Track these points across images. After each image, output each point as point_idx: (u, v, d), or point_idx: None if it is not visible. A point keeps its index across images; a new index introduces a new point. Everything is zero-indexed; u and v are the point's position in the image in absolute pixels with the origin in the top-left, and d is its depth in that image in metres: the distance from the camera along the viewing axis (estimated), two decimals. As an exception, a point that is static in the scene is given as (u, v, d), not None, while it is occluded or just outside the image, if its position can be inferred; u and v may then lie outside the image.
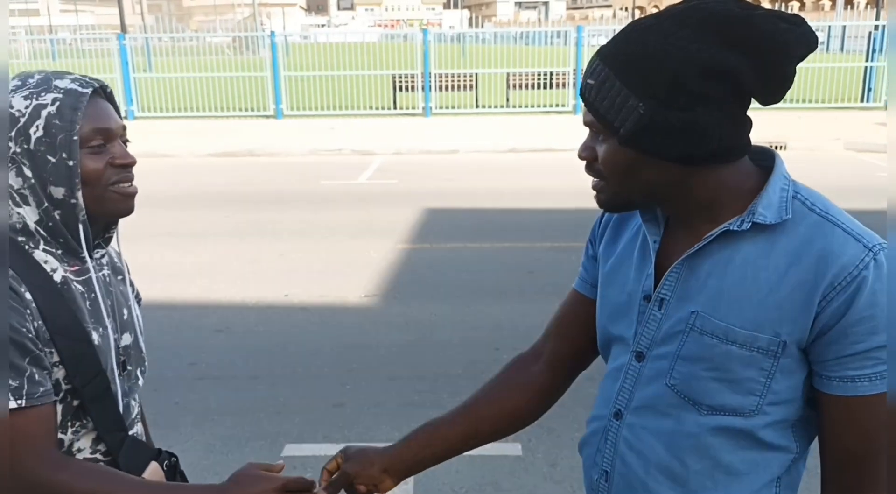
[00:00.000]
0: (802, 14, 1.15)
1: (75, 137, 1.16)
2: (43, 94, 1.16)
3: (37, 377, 1.13)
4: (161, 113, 15.50)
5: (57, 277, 1.21)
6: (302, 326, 4.90)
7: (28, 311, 1.14)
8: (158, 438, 3.71)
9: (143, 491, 1.14)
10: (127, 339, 1.33)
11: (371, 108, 15.73)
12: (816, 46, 0.99)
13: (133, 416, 1.35)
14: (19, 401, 1.10)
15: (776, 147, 10.94)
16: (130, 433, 1.32)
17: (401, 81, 15.65)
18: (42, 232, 1.20)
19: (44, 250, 1.21)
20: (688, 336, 1.05)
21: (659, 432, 1.09)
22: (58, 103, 1.16)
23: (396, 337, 4.68)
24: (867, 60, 15.66)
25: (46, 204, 1.18)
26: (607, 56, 1.00)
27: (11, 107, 1.16)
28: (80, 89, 1.18)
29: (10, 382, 1.10)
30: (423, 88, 15.37)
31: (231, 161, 11.17)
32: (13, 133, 1.15)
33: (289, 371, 4.22)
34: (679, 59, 0.94)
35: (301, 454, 3.39)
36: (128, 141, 1.27)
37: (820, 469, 1.08)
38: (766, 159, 1.08)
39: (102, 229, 1.30)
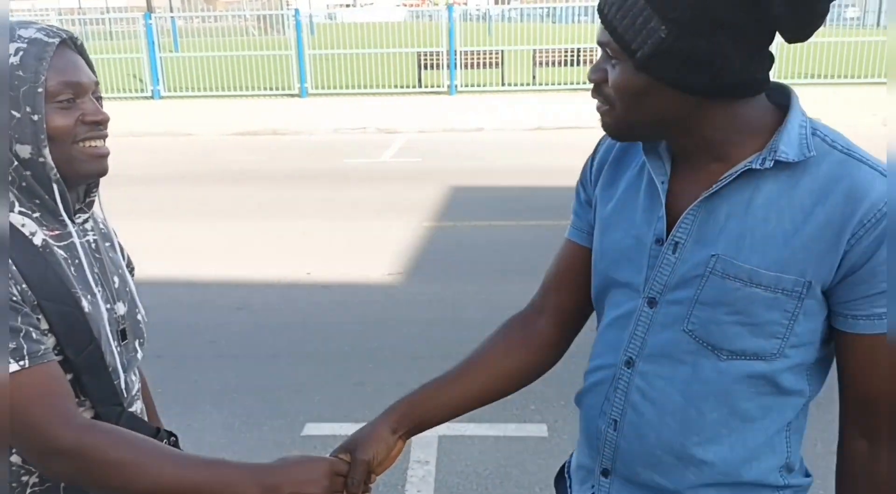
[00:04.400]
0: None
1: (40, 90, 1.06)
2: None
3: (34, 335, 1.03)
4: (187, 92, 15.50)
5: (37, 240, 1.11)
6: (324, 304, 4.82)
7: (9, 274, 1.04)
8: (177, 416, 3.67)
9: (183, 464, 1.03)
10: (121, 308, 1.24)
11: (396, 86, 15.59)
12: None
13: (133, 392, 1.26)
14: (21, 362, 1.00)
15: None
16: (130, 409, 1.23)
17: (426, 59, 15.47)
18: (16, 192, 1.10)
19: (20, 213, 1.11)
20: (707, 280, 1.00)
21: (674, 379, 1.05)
22: (21, 54, 1.06)
23: (420, 316, 4.59)
24: (907, 34, 15.15)
25: (16, 163, 1.08)
26: None
27: None
28: (45, 39, 1.08)
29: (7, 344, 1.00)
30: (448, 66, 15.19)
31: (255, 140, 11.12)
32: None
33: (310, 350, 4.15)
34: None
35: (321, 433, 3.32)
36: (101, 98, 1.17)
37: (839, 415, 1.05)
38: (781, 97, 1.02)
39: (83, 194, 1.21)
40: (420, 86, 15.50)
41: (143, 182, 8.28)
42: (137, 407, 1.28)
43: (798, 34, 0.93)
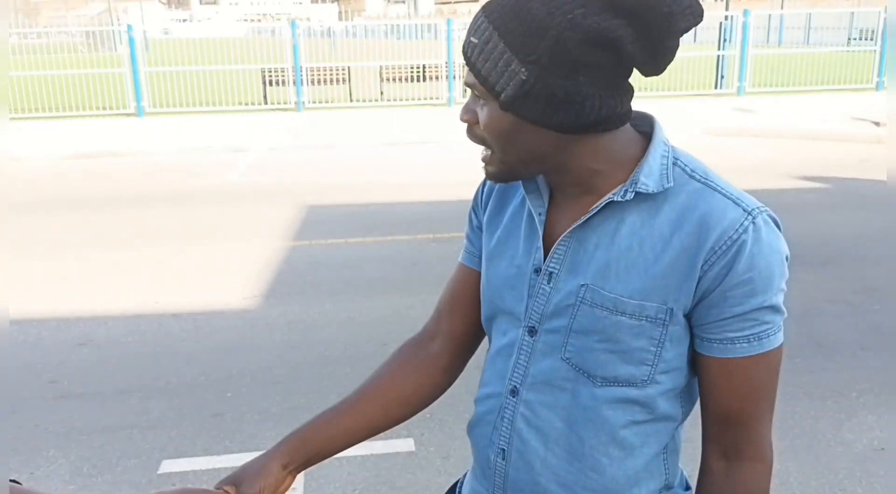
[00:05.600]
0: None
1: None
2: None
3: None
4: (10, 114, 14.33)
5: None
6: (175, 334, 4.61)
7: None
8: (18, 465, 3.39)
9: None
10: None
11: (240, 103, 15.20)
12: (701, 19, 0.97)
13: None
14: None
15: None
16: None
17: (271, 76, 15.20)
18: None
19: None
20: (578, 310, 1.04)
21: (556, 406, 1.08)
22: None
23: (278, 339, 4.49)
24: (719, 49, 16.60)
25: None
26: (492, 13, 0.95)
27: None
28: None
29: None
30: (294, 83, 15.00)
31: (90, 163, 10.47)
32: None
33: (162, 383, 3.95)
34: (564, 24, 0.90)
35: (179, 469, 3.17)
36: None
37: (701, 434, 1.08)
38: (645, 125, 1.07)
39: None
40: (266, 103, 15.20)
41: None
42: None
43: (652, 69, 0.97)
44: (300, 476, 3.34)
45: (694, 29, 1.00)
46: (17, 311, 4.94)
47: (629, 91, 0.99)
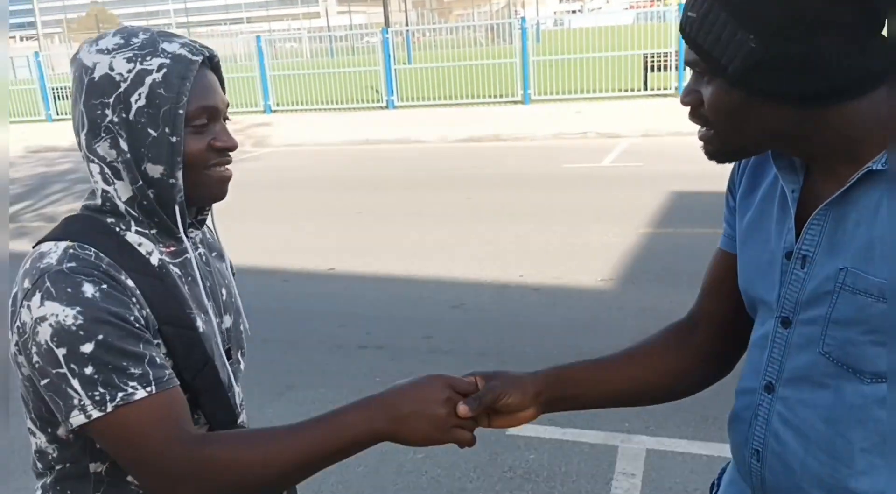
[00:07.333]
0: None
1: (181, 112, 1.02)
2: (149, 58, 1.02)
3: (157, 360, 1.01)
4: (418, 102, 16.34)
5: (154, 260, 1.09)
6: (534, 307, 4.85)
7: (133, 299, 1.02)
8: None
9: (298, 431, 1.00)
10: (227, 321, 1.22)
11: (620, 90, 15.29)
12: None
13: (240, 403, 1.23)
14: (149, 388, 0.98)
15: None
16: (238, 422, 1.22)
17: (652, 61, 15.02)
18: (133, 212, 1.08)
19: (136, 233, 1.09)
20: (838, 297, 0.90)
21: (817, 405, 0.95)
22: (164, 70, 1.02)
23: (630, 323, 4.46)
24: None
25: (141, 182, 1.05)
26: None
27: (112, 69, 1.02)
28: (189, 56, 1.04)
29: (133, 370, 0.98)
30: (676, 68, 14.62)
31: (478, 146, 11.46)
32: (111, 100, 1.02)
33: (518, 351, 4.20)
34: None
35: (522, 434, 3.35)
36: (228, 119, 1.13)
37: None
38: None
39: (196, 210, 1.18)
40: (646, 89, 15.08)
41: (376, 187, 8.87)
42: (244, 418, 1.26)
43: None
44: (640, 466, 3.28)
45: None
46: (403, 272, 5.64)
47: (881, 45, 0.83)
